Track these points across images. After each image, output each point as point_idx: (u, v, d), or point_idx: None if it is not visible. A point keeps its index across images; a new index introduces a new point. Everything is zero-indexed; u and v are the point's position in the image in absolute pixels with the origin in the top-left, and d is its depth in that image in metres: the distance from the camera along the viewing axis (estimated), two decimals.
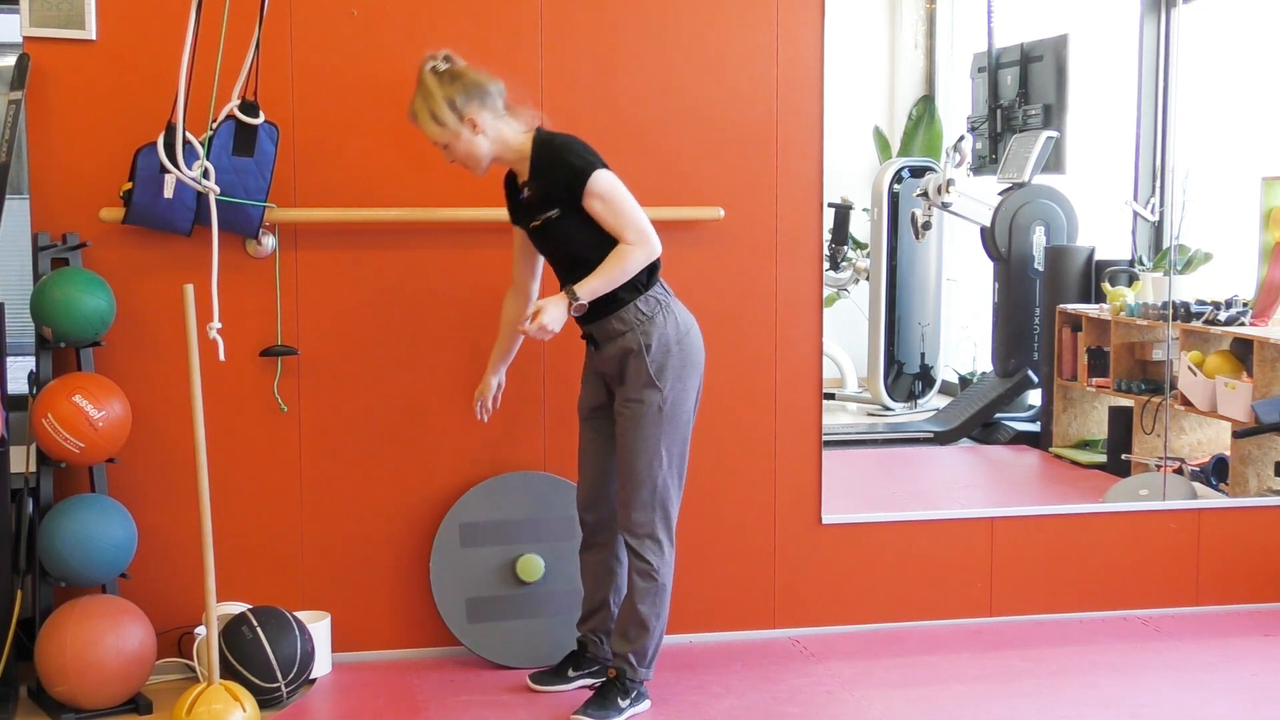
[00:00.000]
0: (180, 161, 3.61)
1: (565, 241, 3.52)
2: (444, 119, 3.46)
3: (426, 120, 3.49)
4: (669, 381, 3.53)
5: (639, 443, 3.53)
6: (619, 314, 3.51)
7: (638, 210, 3.49)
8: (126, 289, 3.80)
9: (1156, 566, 4.52)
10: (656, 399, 3.51)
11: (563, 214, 3.47)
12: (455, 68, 3.50)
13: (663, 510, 3.57)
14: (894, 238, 7.07)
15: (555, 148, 3.50)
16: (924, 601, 4.36)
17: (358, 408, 4.01)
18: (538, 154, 3.51)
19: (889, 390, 7.13)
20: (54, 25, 3.75)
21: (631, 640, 3.61)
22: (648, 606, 3.58)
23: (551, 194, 3.48)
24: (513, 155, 3.54)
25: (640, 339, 3.50)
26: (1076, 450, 6.15)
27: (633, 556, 3.59)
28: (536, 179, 3.51)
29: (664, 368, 3.52)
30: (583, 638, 3.83)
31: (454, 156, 3.53)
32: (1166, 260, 5.82)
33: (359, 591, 4.04)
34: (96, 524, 3.60)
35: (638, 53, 4.08)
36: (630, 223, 3.46)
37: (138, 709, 3.61)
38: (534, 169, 3.51)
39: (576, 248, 3.50)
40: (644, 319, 3.51)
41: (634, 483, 3.55)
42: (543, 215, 3.50)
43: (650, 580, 3.57)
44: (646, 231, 3.48)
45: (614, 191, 3.47)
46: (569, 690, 3.77)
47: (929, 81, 8.02)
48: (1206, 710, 3.72)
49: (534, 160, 3.51)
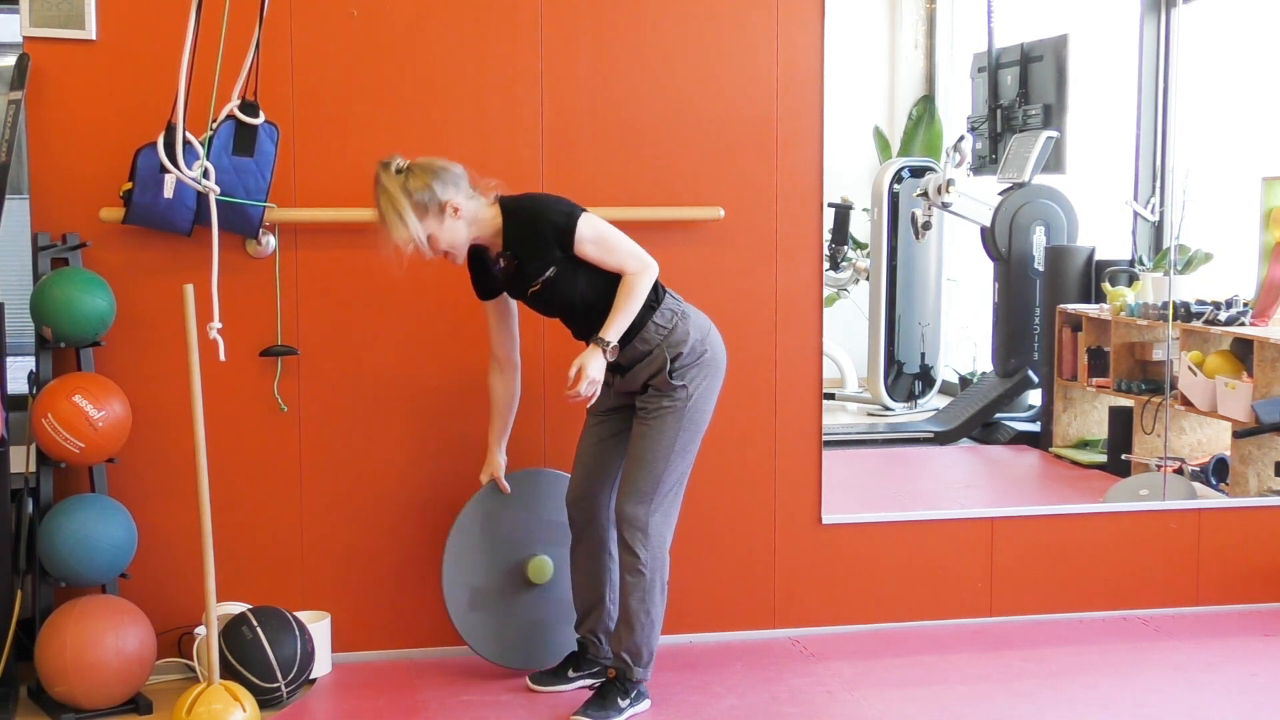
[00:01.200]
0: (180, 161, 3.61)
1: (569, 294, 3.53)
2: (420, 215, 3.40)
3: (398, 224, 3.39)
4: (694, 380, 3.56)
5: (655, 436, 3.54)
6: (641, 335, 3.53)
7: (626, 239, 3.51)
8: (126, 289, 3.80)
9: (1156, 566, 4.52)
10: (682, 396, 3.55)
11: (559, 270, 3.48)
12: (415, 163, 3.45)
13: (662, 506, 3.57)
14: (894, 238, 7.07)
15: (530, 212, 3.50)
16: (924, 601, 4.36)
17: (358, 408, 4.01)
18: (511, 222, 3.49)
19: (889, 390, 7.13)
20: (54, 25, 3.75)
21: (624, 638, 3.61)
22: (636, 602, 3.58)
23: (541, 255, 3.47)
24: (488, 231, 3.51)
25: (667, 352, 3.53)
26: (1076, 450, 6.15)
27: (623, 550, 3.59)
28: (518, 246, 3.49)
29: (689, 369, 3.55)
30: (582, 639, 3.82)
31: (436, 250, 3.46)
32: (1166, 260, 5.82)
33: (359, 591, 4.05)
34: (96, 524, 3.60)
35: (638, 53, 4.08)
36: (626, 254, 3.49)
37: (138, 709, 3.61)
38: (510, 238, 3.49)
39: (582, 296, 3.52)
40: (665, 332, 3.54)
41: (639, 474, 3.55)
42: (539, 279, 3.50)
43: (638, 575, 3.56)
44: (642, 256, 3.50)
45: (601, 231, 3.49)
46: (569, 691, 3.76)
47: (929, 81, 8.02)
48: (1206, 710, 3.72)
49: (509, 230, 3.49)
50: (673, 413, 3.54)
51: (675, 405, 3.54)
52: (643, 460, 3.56)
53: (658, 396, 3.56)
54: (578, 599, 3.82)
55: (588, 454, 3.74)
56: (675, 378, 3.53)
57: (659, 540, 3.59)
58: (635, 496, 3.57)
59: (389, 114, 3.95)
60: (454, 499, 4.03)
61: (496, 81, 4.00)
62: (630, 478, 3.58)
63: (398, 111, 3.96)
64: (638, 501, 3.56)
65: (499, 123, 4.01)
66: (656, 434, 3.55)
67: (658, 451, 3.55)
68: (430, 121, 3.97)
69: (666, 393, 3.55)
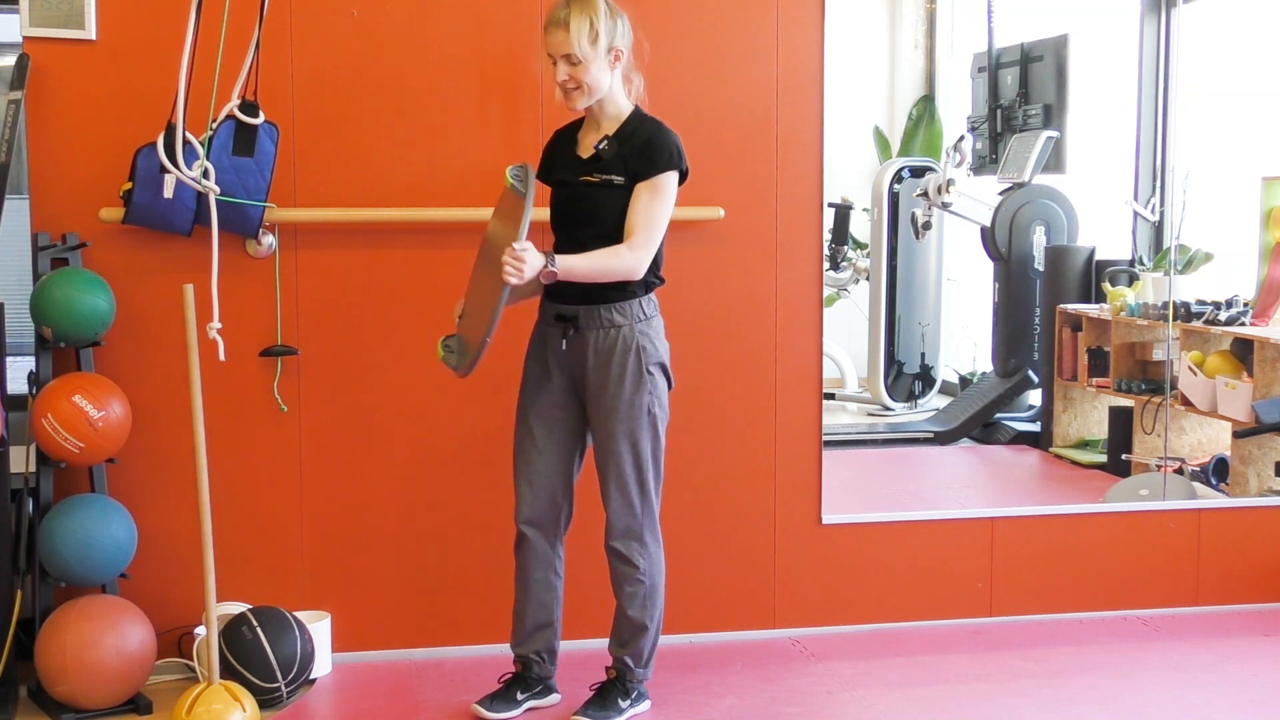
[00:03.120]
0: (180, 161, 3.61)
1: (605, 208, 3.42)
2: (597, 38, 3.36)
3: (582, 28, 3.34)
4: (660, 383, 3.49)
5: (631, 444, 3.46)
6: (620, 305, 3.43)
7: (662, 227, 3.42)
8: (126, 289, 3.80)
9: (1156, 566, 4.52)
10: (649, 400, 3.46)
11: (621, 187, 3.41)
12: (616, 5, 3.45)
13: (650, 511, 3.52)
14: (894, 238, 7.07)
15: (664, 130, 3.45)
16: (924, 601, 4.36)
17: (358, 408, 4.01)
18: (640, 124, 3.46)
19: (889, 390, 7.13)
20: (54, 25, 3.75)
21: (628, 645, 3.57)
22: (639, 611, 3.53)
23: (630, 164, 3.41)
24: (610, 110, 3.47)
25: (639, 337, 3.44)
26: (1076, 450, 6.16)
27: (620, 563, 3.51)
28: (624, 143, 3.43)
29: (656, 371, 3.48)
30: (524, 658, 3.66)
31: (574, 77, 3.39)
32: (1167, 260, 5.82)
33: (359, 591, 4.05)
34: (96, 524, 3.60)
35: (637, 53, 4.07)
36: (647, 229, 3.39)
37: (138, 709, 3.61)
38: (626, 133, 3.44)
39: (606, 219, 3.41)
40: (644, 318, 3.47)
41: (624, 486, 3.47)
42: (608, 175, 3.42)
43: (638, 584, 3.51)
44: (649, 250, 3.40)
45: (664, 197, 3.42)
46: (518, 715, 3.63)
47: (929, 81, 8.03)
48: (1206, 710, 3.72)
49: (631, 126, 3.45)
50: (643, 417, 3.45)
51: (641, 409, 3.44)
52: (622, 472, 3.46)
53: (631, 389, 3.42)
54: (526, 619, 3.63)
55: (536, 471, 3.55)
56: (649, 367, 3.44)
57: (654, 544, 3.55)
58: (628, 509, 3.49)
59: (389, 114, 3.95)
60: (454, 499, 4.03)
61: (496, 81, 4.00)
62: (614, 494, 3.48)
63: (398, 111, 3.96)
64: (631, 514, 3.49)
65: (499, 123, 4.01)
66: (631, 442, 3.45)
67: (634, 460, 3.46)
68: (430, 121, 3.97)
69: (638, 387, 3.42)
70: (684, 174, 3.48)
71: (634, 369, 3.44)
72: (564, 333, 3.46)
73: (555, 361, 3.51)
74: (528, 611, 3.64)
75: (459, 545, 4.06)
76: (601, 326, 3.44)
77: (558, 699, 3.70)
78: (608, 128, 3.48)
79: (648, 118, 3.49)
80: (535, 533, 3.58)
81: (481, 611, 4.04)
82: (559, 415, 3.54)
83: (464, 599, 4.07)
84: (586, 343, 3.45)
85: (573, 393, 3.52)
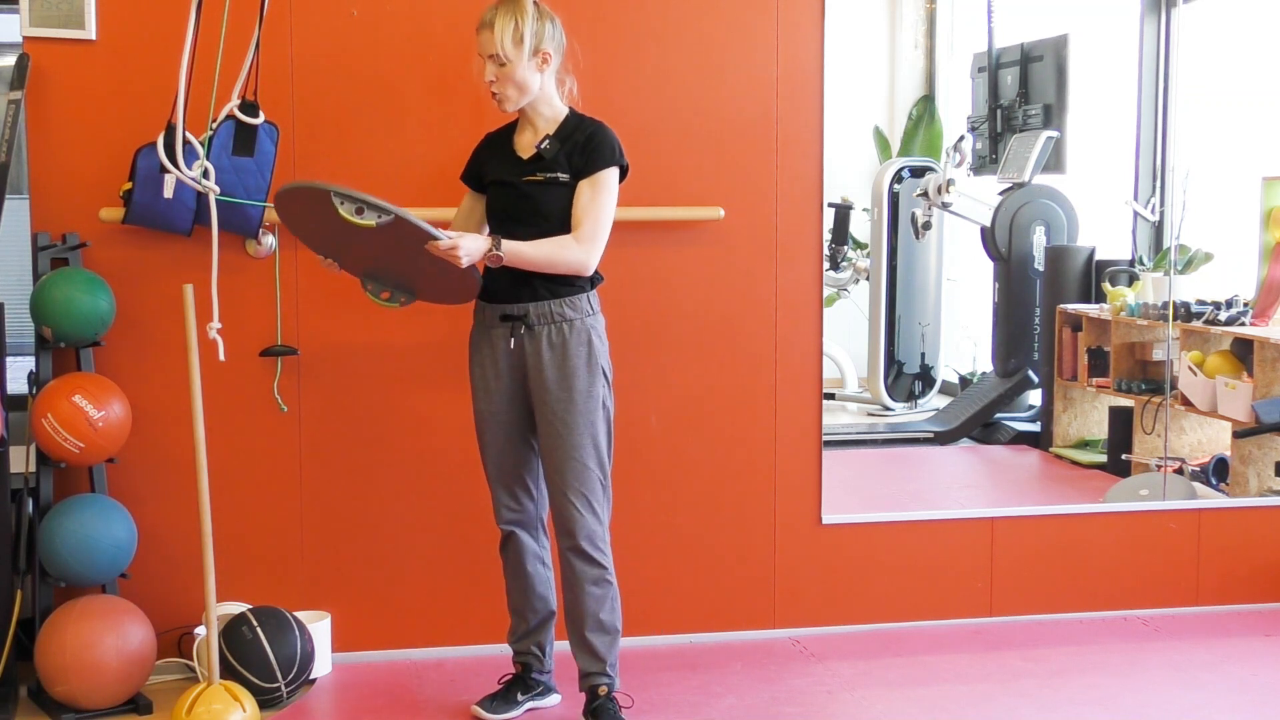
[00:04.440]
0: (180, 161, 3.61)
1: (547, 204, 3.42)
2: (522, 40, 3.37)
3: (506, 32, 3.36)
4: (608, 378, 3.48)
5: (591, 436, 3.43)
6: (571, 299, 3.42)
7: (608, 223, 3.43)
8: (126, 289, 3.80)
9: (1156, 566, 4.52)
10: (601, 394, 3.45)
11: (568, 184, 3.42)
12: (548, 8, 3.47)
13: (609, 507, 3.50)
14: (894, 238, 7.07)
15: (599, 126, 3.47)
16: (924, 601, 4.37)
17: (358, 408, 4.01)
18: (580, 123, 3.47)
19: (889, 390, 7.13)
20: (54, 25, 3.75)
21: (603, 653, 3.50)
22: (609, 613, 3.49)
23: (573, 161, 3.42)
24: (545, 112, 3.48)
25: (589, 331, 3.44)
26: (1076, 450, 6.16)
27: (586, 564, 3.46)
28: (566, 141, 3.44)
29: (604, 365, 3.47)
30: (525, 656, 3.67)
31: (500, 79, 3.41)
32: (1167, 260, 5.82)
33: (359, 591, 4.05)
34: (96, 524, 3.60)
35: (637, 53, 4.08)
36: (594, 223, 3.40)
37: (138, 709, 3.61)
38: (567, 132, 3.46)
39: (546, 219, 3.41)
40: (593, 313, 3.47)
41: (588, 485, 3.44)
42: (552, 174, 3.42)
43: (606, 585, 3.48)
44: (597, 245, 3.40)
45: (608, 191, 3.44)
46: (518, 716, 3.64)
47: (929, 81, 8.03)
48: (1206, 710, 3.72)
49: (572, 125, 3.47)
50: (597, 412, 3.43)
51: (595, 403, 3.43)
52: (585, 470, 3.42)
53: (582, 382, 3.41)
54: (525, 614, 3.65)
55: (507, 473, 3.56)
56: (600, 360, 3.43)
57: (609, 541, 3.51)
58: (587, 507, 3.45)
59: (389, 114, 3.95)
60: (454, 499, 4.03)
61: None
62: (576, 492, 3.44)
63: (398, 111, 3.96)
64: (592, 513, 3.46)
65: (499, 123, 4.00)
66: (590, 439, 3.42)
67: (595, 457, 3.44)
68: (430, 121, 3.97)
69: (591, 381, 3.41)
70: (624, 170, 3.49)
71: (589, 361, 3.44)
72: (512, 332, 3.45)
73: (504, 362, 3.49)
74: (525, 605, 3.64)
75: (459, 545, 4.06)
76: (554, 321, 3.43)
77: (558, 699, 3.71)
78: (546, 128, 3.50)
79: (586, 117, 3.51)
80: (519, 530, 3.60)
81: (481, 611, 4.04)
82: (514, 416, 3.53)
83: (464, 599, 4.07)
84: (539, 339, 3.44)
85: (521, 392, 3.50)
